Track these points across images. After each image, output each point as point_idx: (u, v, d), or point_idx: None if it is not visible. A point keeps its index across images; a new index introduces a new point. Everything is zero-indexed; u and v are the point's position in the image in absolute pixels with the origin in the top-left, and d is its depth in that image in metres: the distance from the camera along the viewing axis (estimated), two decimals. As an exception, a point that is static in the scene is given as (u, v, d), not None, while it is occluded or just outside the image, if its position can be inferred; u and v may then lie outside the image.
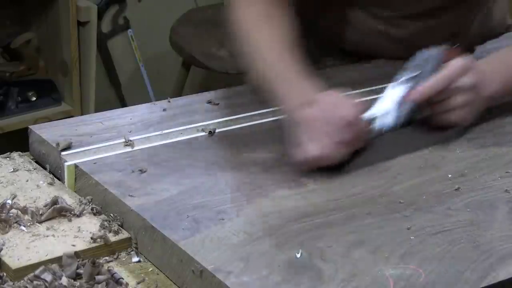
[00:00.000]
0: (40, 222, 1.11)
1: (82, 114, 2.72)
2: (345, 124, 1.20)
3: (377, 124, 1.28)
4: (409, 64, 1.33)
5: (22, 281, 1.00)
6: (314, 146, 1.19)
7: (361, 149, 1.26)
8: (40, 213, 1.13)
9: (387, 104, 1.30)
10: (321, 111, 1.21)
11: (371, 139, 1.27)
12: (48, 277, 0.99)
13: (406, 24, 1.55)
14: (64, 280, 1.00)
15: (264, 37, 1.35)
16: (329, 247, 1.04)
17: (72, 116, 2.54)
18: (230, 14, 1.39)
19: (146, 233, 1.09)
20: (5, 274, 1.01)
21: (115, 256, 1.09)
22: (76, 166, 1.22)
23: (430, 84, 1.30)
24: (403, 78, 1.31)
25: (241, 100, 1.44)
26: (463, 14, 1.57)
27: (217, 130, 1.33)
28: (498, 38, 1.69)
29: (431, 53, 1.33)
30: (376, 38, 1.58)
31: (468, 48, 1.54)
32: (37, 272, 1.00)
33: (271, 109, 1.40)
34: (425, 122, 1.35)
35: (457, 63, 1.31)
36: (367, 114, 1.28)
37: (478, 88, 1.31)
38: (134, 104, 1.44)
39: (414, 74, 1.31)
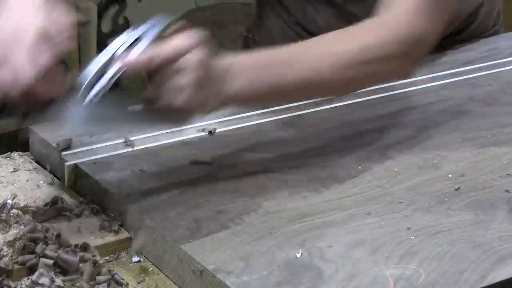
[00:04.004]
0: (41, 222, 1.11)
1: (82, 114, 2.71)
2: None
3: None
4: (132, 28, 1.09)
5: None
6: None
7: None
8: (41, 213, 1.12)
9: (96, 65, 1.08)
10: None
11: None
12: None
13: None
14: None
15: None
16: (329, 247, 1.04)
17: (72, 116, 2.54)
18: None
19: (146, 233, 1.09)
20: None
21: (115, 256, 1.09)
22: (76, 166, 1.22)
23: (151, 51, 1.05)
24: (122, 38, 1.07)
25: (241, 100, 1.44)
26: None
27: (217, 130, 1.33)
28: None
29: (157, 20, 1.12)
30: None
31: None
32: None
33: (271, 109, 1.40)
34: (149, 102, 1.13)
35: (186, 36, 1.08)
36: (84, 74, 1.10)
37: (218, 79, 1.09)
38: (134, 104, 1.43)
39: (134, 36, 1.07)
